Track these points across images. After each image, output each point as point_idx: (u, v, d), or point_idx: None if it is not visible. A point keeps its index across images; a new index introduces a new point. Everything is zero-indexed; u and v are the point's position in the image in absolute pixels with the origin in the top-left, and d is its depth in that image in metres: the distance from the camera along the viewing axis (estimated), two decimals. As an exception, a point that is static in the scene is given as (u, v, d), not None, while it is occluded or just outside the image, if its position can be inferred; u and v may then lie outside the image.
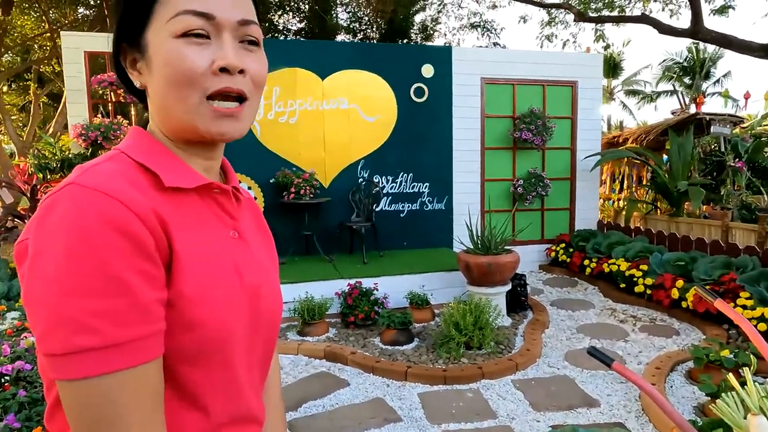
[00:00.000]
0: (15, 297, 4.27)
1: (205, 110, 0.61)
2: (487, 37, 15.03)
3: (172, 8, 0.60)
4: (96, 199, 0.52)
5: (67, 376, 0.50)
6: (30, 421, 1.86)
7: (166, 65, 0.60)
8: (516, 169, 6.54)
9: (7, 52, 12.39)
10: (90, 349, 0.50)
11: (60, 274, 0.50)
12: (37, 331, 0.52)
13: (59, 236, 0.51)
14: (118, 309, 0.51)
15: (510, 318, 4.48)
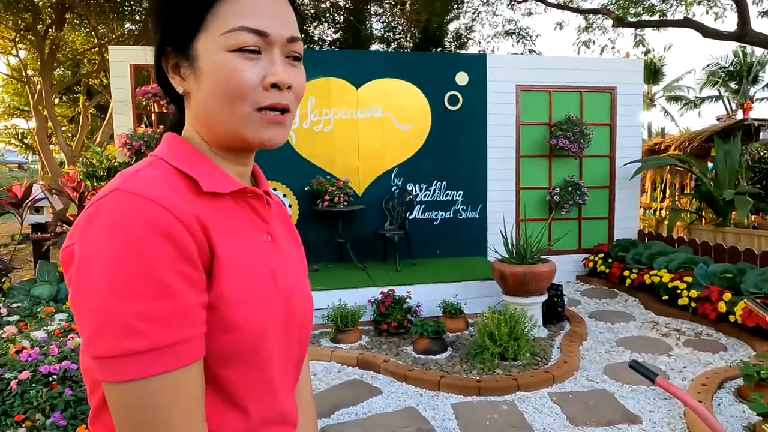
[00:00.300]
0: (62, 299, 4.45)
1: (255, 119, 0.63)
2: (523, 45, 14.87)
3: (226, 23, 0.61)
4: (141, 204, 0.53)
5: (115, 378, 0.51)
6: (75, 419, 1.93)
7: (219, 78, 0.61)
8: (552, 177, 6.42)
9: (59, 67, 13.05)
10: (137, 352, 0.51)
11: (107, 278, 0.51)
12: (85, 334, 0.53)
13: (106, 241, 0.52)
14: (163, 312, 0.52)
15: (546, 329, 4.37)
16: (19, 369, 2.13)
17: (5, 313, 3.12)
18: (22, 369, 2.13)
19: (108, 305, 0.51)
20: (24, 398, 1.94)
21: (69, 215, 5.14)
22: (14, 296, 4.43)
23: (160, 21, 0.64)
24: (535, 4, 13.79)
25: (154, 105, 5.60)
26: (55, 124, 11.66)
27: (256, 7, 0.62)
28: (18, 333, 2.69)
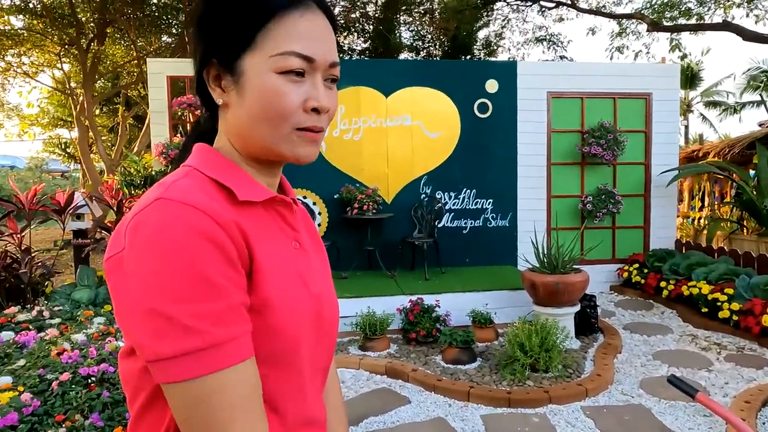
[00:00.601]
0: (101, 303, 4.59)
1: (294, 137, 0.65)
2: (554, 51, 14.71)
3: (277, 45, 0.62)
4: (184, 211, 0.56)
5: (177, 378, 0.53)
6: (111, 421, 1.99)
7: (264, 98, 0.63)
8: (584, 185, 6.30)
9: (100, 79, 13.58)
10: (197, 350, 0.53)
11: (159, 282, 0.53)
12: (142, 338, 0.55)
13: (154, 248, 0.54)
14: (216, 311, 0.54)
15: (579, 341, 4.27)
16: (60, 370, 2.21)
17: (47, 316, 3.24)
18: (62, 370, 2.20)
19: (163, 308, 0.53)
20: (64, 399, 2.01)
21: (108, 222, 5.31)
22: (56, 300, 4.60)
23: (208, 33, 0.65)
24: (567, 10, 13.63)
25: (189, 115, 5.76)
26: (96, 134, 12.11)
27: (306, 33, 0.63)
28: (59, 335, 2.79)
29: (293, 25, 0.63)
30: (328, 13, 0.67)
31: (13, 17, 10.89)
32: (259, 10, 0.62)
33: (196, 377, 0.53)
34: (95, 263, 6.51)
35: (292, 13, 0.63)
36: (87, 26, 11.18)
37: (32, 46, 11.74)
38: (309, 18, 0.64)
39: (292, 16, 0.63)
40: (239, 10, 0.63)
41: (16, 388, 2.04)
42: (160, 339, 0.53)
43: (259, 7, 0.62)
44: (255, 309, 0.60)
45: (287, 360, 0.64)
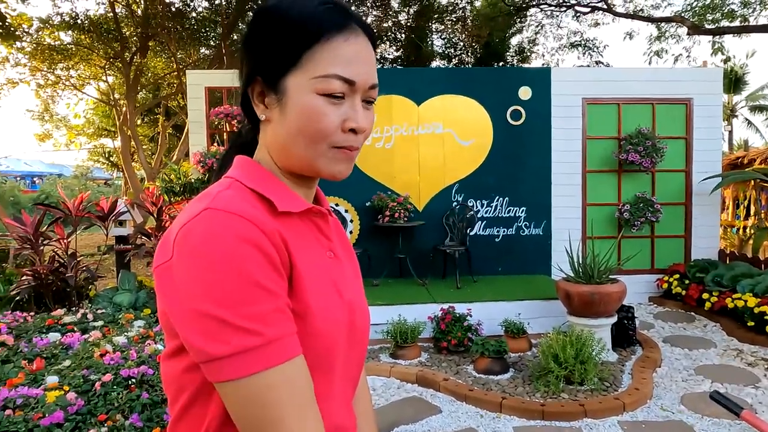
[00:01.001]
0: (140, 307, 4.75)
1: (330, 154, 0.67)
2: (589, 56, 14.43)
3: (321, 67, 0.64)
4: (231, 220, 0.59)
5: (231, 376, 0.56)
6: (150, 422, 2.05)
7: (305, 118, 0.65)
8: (621, 193, 6.14)
9: (142, 90, 14.10)
10: (248, 348, 0.56)
11: (211, 287, 0.56)
12: (196, 341, 0.57)
13: (204, 255, 0.57)
14: (265, 312, 0.57)
15: (616, 353, 4.15)
16: (102, 371, 2.30)
17: (91, 319, 3.37)
18: (105, 372, 2.29)
19: (214, 311, 0.56)
20: (107, 399, 2.09)
21: (148, 228, 5.50)
22: (99, 303, 4.78)
23: (255, 52, 0.68)
24: (603, 15, 13.38)
25: (226, 125, 5.92)
26: (137, 143, 12.58)
27: (349, 57, 0.65)
28: (102, 338, 2.90)
29: (337, 48, 0.64)
30: (371, 36, 0.69)
31: (63, 33, 11.47)
32: (305, 33, 0.64)
33: (248, 375, 0.56)
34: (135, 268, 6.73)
35: (337, 37, 0.65)
36: (130, 40, 11.66)
37: (80, 60, 12.31)
38: (353, 42, 0.66)
39: (337, 40, 0.65)
40: (287, 31, 0.65)
41: (62, 387, 2.13)
42: (212, 340, 0.56)
43: (305, 30, 0.64)
44: (296, 313, 0.62)
45: (320, 366, 0.65)
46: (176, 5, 11.36)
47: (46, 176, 23.18)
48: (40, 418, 1.84)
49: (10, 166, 21.99)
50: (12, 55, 11.14)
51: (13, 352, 2.64)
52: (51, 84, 13.28)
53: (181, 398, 0.65)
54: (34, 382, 2.22)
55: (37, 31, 11.05)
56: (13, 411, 1.90)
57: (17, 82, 12.26)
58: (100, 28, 11.09)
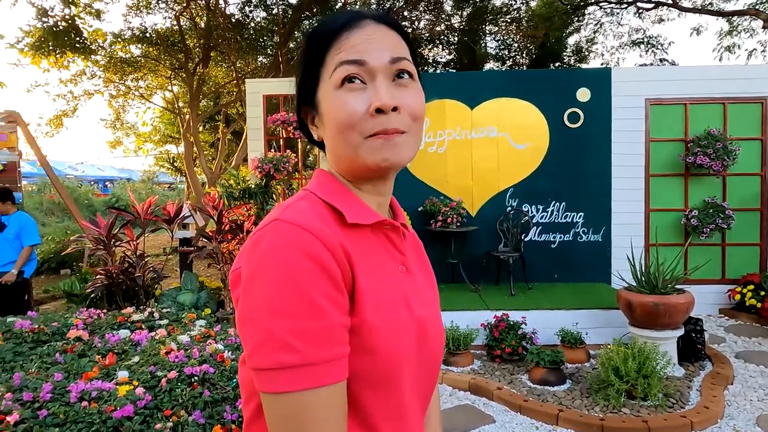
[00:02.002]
0: (202, 306, 4.97)
1: (365, 145, 0.66)
2: (652, 54, 13.79)
3: (332, 65, 0.68)
4: (296, 233, 0.60)
5: (270, 389, 0.57)
6: (211, 419, 2.13)
7: (332, 113, 0.68)
8: (689, 198, 5.81)
9: (204, 98, 14.75)
10: (290, 366, 0.56)
11: (267, 298, 0.58)
12: (248, 348, 0.59)
13: (266, 265, 0.59)
14: (314, 331, 0.57)
15: (682, 368, 3.93)
16: (168, 368, 2.41)
17: (157, 317, 3.55)
18: (170, 369, 2.40)
19: (267, 322, 0.57)
20: (171, 395, 2.19)
21: (209, 231, 5.74)
22: (164, 302, 5.04)
23: (297, 86, 0.75)
24: (668, 10, 12.75)
25: (282, 131, 6.09)
26: (199, 149, 13.16)
27: (353, 44, 0.67)
28: (167, 335, 3.04)
29: (342, 42, 0.67)
30: (384, 21, 0.70)
31: (133, 46, 12.20)
32: (319, 45, 0.69)
33: (287, 392, 0.56)
34: (197, 269, 7.04)
35: (342, 34, 0.68)
36: (194, 51, 12.24)
37: (148, 71, 13.05)
38: (356, 32, 0.67)
39: (341, 39, 0.68)
40: (307, 52, 0.71)
41: (131, 382, 2.25)
42: (261, 350, 0.57)
43: (319, 42, 0.69)
44: (354, 329, 0.62)
45: (387, 381, 0.64)
46: (236, 17, 11.82)
47: (116, 180, 24.69)
48: (113, 410, 1.95)
49: (86, 171, 23.59)
50: (88, 68, 11.97)
51: (88, 347, 2.82)
52: (122, 94, 14.15)
53: (253, 401, 0.67)
54: (106, 376, 2.36)
55: (110, 45, 11.81)
56: (89, 403, 2.03)
57: (92, 93, 13.15)
58: (166, 41, 11.72)
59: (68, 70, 11.17)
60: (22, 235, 4.80)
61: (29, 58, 9.50)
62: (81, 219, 5.81)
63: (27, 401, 1.99)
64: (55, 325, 3.15)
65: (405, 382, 0.67)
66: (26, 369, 2.43)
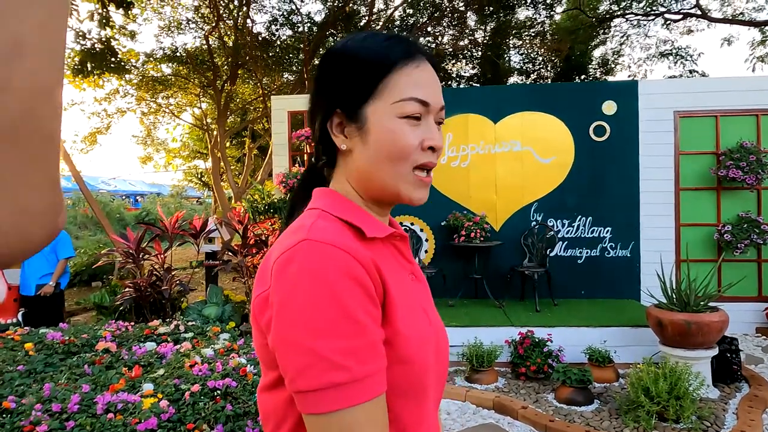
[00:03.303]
0: (226, 320, 5.02)
1: (411, 178, 0.70)
2: (681, 65, 13.53)
3: (398, 93, 0.69)
4: (329, 252, 0.60)
5: (319, 410, 0.56)
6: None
7: (388, 141, 0.69)
8: (721, 213, 5.64)
9: (231, 115, 15.09)
10: (339, 384, 0.56)
11: (308, 318, 0.57)
12: (291, 371, 0.58)
13: (304, 286, 0.58)
14: (358, 347, 0.58)
15: (717, 390, 3.78)
16: (191, 382, 2.44)
17: (183, 330, 3.60)
18: (194, 382, 2.43)
19: (312, 343, 0.57)
20: (194, 409, 2.21)
21: (234, 245, 5.83)
22: (189, 314, 5.12)
23: (332, 87, 0.72)
24: (697, 21, 12.53)
25: (307, 147, 6.17)
26: (226, 164, 13.43)
27: (422, 80, 0.70)
28: (191, 349, 3.08)
29: (411, 74, 0.70)
30: (434, 63, 0.74)
31: (164, 65, 12.61)
32: (380, 64, 0.69)
33: (335, 410, 0.56)
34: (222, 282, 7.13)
35: (409, 65, 0.70)
36: (222, 69, 12.57)
37: (178, 89, 13.45)
38: (422, 68, 0.71)
39: (409, 67, 0.70)
40: (362, 64, 0.70)
41: (156, 395, 2.28)
42: (306, 372, 0.57)
43: (380, 61, 0.69)
44: (388, 340, 0.63)
45: (416, 390, 0.66)
46: (263, 35, 12.13)
47: (147, 195, 25.34)
48: (137, 423, 1.98)
49: (118, 186, 24.29)
50: (122, 86, 12.40)
51: (116, 359, 2.87)
52: (153, 111, 14.60)
53: (285, 426, 0.66)
54: (132, 388, 2.40)
55: (143, 65, 12.23)
56: (115, 415, 2.07)
57: (125, 111, 13.61)
58: (195, 59, 12.08)
59: (103, 89, 11.61)
60: (57, 248, 4.96)
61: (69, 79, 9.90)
62: (112, 233, 5.98)
63: (55, 412, 2.04)
64: (85, 336, 3.23)
65: (430, 389, 0.69)
66: (56, 380, 2.49)
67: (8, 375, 2.55)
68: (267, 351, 0.64)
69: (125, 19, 10.70)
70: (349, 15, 12.13)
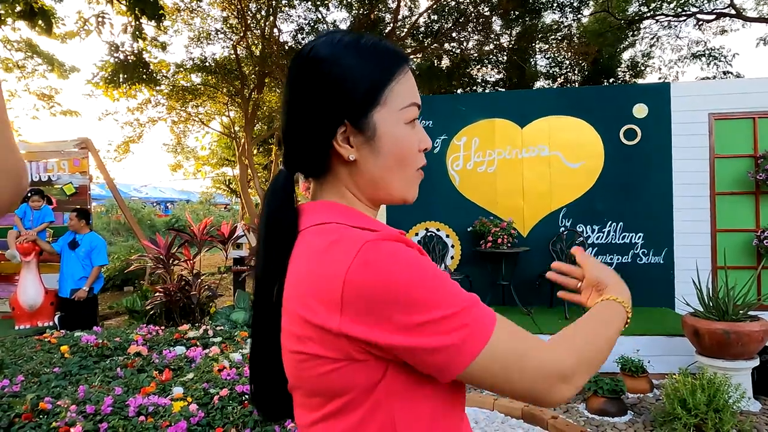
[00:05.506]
0: (253, 325, 5.07)
1: (414, 179, 0.74)
2: (715, 66, 13.16)
3: (403, 99, 0.71)
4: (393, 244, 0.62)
5: (484, 342, 0.60)
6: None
7: (400, 147, 0.71)
8: (760, 218, 5.42)
9: (258, 123, 15.35)
10: (483, 315, 0.61)
11: (434, 289, 0.60)
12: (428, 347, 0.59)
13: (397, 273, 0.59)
14: (461, 292, 0.62)
15: (759, 402, 3.62)
16: (220, 386, 2.46)
17: (211, 335, 3.65)
18: (222, 386, 2.45)
19: (452, 303, 0.60)
20: (223, 413, 2.23)
21: (261, 251, 5.89)
22: (218, 319, 5.19)
23: (338, 96, 0.68)
24: (731, 21, 12.18)
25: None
26: (253, 171, 13.64)
27: (413, 85, 0.74)
28: (220, 353, 3.12)
29: (408, 81, 0.72)
30: None
31: (194, 75, 12.91)
32: (384, 73, 0.70)
33: (491, 336, 0.60)
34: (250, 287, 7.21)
35: (405, 70, 0.72)
36: (249, 78, 12.80)
37: (207, 98, 13.75)
38: (410, 73, 0.74)
39: (406, 74, 0.72)
40: (368, 73, 0.69)
41: (186, 398, 2.31)
42: (446, 333, 0.58)
43: (385, 68, 0.70)
44: None
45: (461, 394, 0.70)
46: (289, 44, 12.30)
47: (176, 202, 25.93)
48: (167, 426, 2.01)
49: (149, 193, 24.92)
50: (153, 96, 12.75)
51: (147, 362, 2.93)
52: (183, 120, 14.96)
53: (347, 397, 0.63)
54: (163, 391, 2.43)
55: (173, 75, 12.56)
56: (146, 417, 2.10)
57: (156, 120, 13.98)
58: (224, 69, 12.33)
59: (135, 99, 11.95)
60: (92, 255, 5.10)
61: (102, 90, 10.24)
62: (143, 239, 6.12)
63: (89, 414, 2.09)
64: (118, 340, 3.30)
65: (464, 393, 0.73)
66: (90, 382, 2.55)
67: (45, 377, 2.63)
68: (334, 376, 0.62)
69: (157, 31, 11.02)
70: (374, 22, 12.21)
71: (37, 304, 5.24)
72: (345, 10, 12.48)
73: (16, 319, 5.32)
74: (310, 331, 0.62)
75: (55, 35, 9.01)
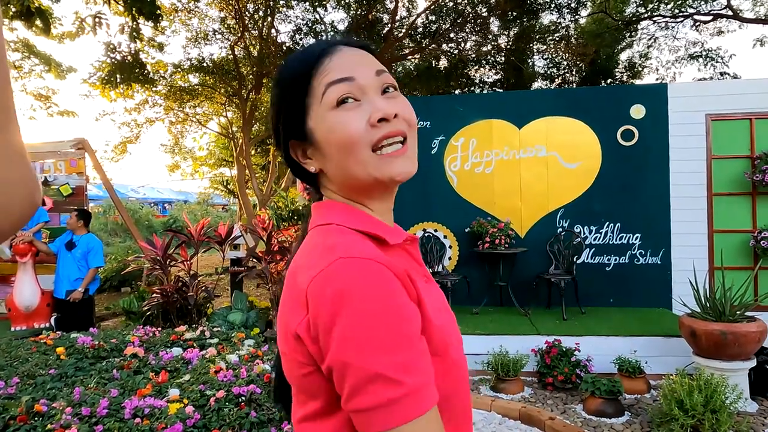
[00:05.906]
0: (251, 326, 5.06)
1: (376, 161, 0.66)
2: (712, 68, 13.20)
3: (319, 90, 0.67)
4: (367, 267, 0.58)
5: (379, 428, 0.54)
6: (257, 440, 2.14)
7: (333, 135, 0.66)
8: (757, 218, 5.44)
9: (256, 123, 15.31)
10: (396, 399, 0.54)
11: (358, 336, 0.55)
12: (345, 391, 0.56)
13: (348, 304, 0.55)
14: (410, 360, 0.55)
15: (755, 403, 3.63)
16: (217, 388, 2.45)
17: (208, 336, 3.64)
18: (219, 388, 2.44)
19: (364, 362, 0.54)
20: (219, 415, 2.22)
21: (259, 251, 5.88)
22: (215, 320, 5.17)
23: (278, 119, 0.72)
24: (728, 22, 12.22)
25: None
26: (251, 171, 13.61)
27: (337, 65, 0.68)
28: (217, 355, 3.11)
29: (326, 67, 0.68)
30: (356, 45, 0.72)
31: (191, 75, 12.89)
32: (301, 76, 0.69)
33: (395, 427, 0.54)
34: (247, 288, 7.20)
35: (323, 62, 0.68)
36: (247, 78, 12.78)
37: (204, 99, 13.72)
38: (339, 55, 0.69)
39: (322, 65, 0.68)
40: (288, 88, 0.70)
41: (182, 400, 2.30)
42: (361, 391, 0.54)
43: (300, 73, 0.69)
44: (434, 352, 0.62)
45: (462, 395, 0.67)
46: (287, 44, 12.28)
47: (174, 202, 25.87)
48: (163, 428, 2.00)
49: (146, 194, 24.87)
50: (151, 97, 12.72)
51: (143, 364, 2.92)
52: (180, 121, 14.92)
53: None
54: (159, 393, 2.42)
55: (171, 75, 12.53)
56: (142, 419, 2.09)
57: (154, 120, 13.94)
58: (221, 70, 12.30)
59: (133, 99, 11.91)
60: (89, 256, 5.08)
61: (99, 90, 10.21)
62: (140, 239, 6.10)
63: (85, 416, 2.07)
64: (114, 341, 3.29)
65: (467, 395, 0.69)
66: (86, 384, 2.54)
67: (40, 378, 2.61)
68: (310, 380, 0.62)
69: (154, 31, 10.99)
70: (372, 23, 12.21)
71: (34, 306, 5.22)
72: (343, 10, 12.48)
73: (12, 321, 5.30)
74: (287, 331, 0.62)
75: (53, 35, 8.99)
